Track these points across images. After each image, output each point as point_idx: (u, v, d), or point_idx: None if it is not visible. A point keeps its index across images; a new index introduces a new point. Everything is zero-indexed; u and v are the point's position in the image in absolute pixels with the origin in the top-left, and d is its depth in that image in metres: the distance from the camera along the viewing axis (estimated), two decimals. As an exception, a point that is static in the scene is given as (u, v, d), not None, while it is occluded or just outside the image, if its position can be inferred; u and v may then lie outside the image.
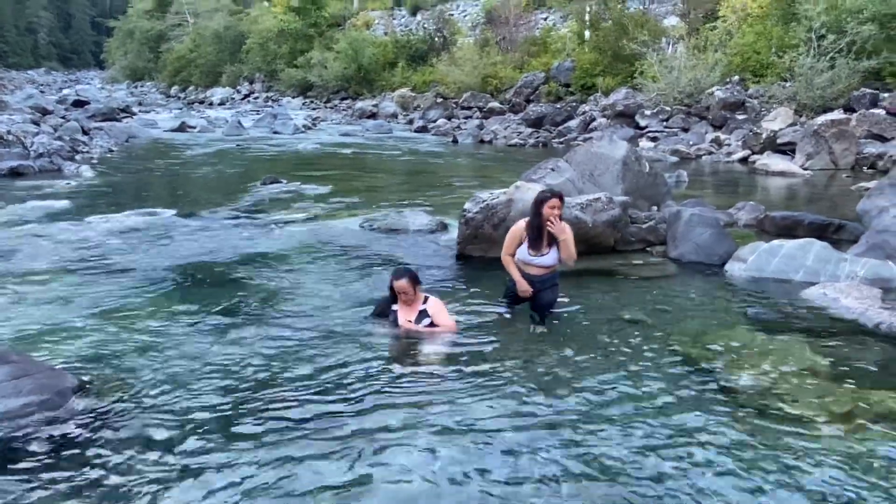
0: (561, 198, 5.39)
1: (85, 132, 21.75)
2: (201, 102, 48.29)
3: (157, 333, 5.41)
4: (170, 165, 17.78)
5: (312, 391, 4.37)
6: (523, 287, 5.50)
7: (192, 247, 8.46)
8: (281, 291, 6.62)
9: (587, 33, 29.77)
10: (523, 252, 5.48)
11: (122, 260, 7.76)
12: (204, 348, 5.11)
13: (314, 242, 8.78)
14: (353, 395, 4.30)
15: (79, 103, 32.38)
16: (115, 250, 8.21)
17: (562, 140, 22.80)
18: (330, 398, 4.26)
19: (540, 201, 5.38)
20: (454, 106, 30.95)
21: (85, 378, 4.48)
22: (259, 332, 5.47)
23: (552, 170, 9.05)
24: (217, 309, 6.05)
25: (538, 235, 5.41)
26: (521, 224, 5.55)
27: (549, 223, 5.30)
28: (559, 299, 5.85)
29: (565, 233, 5.35)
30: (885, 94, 18.55)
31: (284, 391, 4.35)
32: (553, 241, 5.43)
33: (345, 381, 4.50)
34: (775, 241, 7.46)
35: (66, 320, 5.69)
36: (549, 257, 5.45)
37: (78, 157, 17.59)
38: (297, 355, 4.97)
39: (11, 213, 10.44)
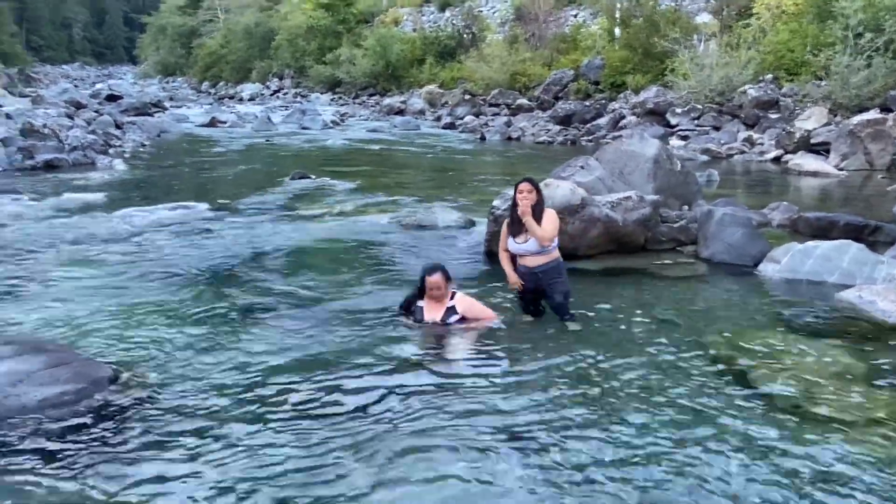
0: (532, 181, 5.45)
1: (118, 126, 22.09)
2: (231, 98, 48.72)
3: (189, 327, 5.48)
4: (200, 160, 17.98)
5: (339, 389, 4.38)
6: (513, 279, 5.59)
7: (222, 241, 8.55)
8: (311, 287, 6.66)
9: (617, 30, 29.47)
10: (512, 244, 5.53)
11: (154, 253, 7.87)
12: (233, 343, 5.16)
13: (343, 238, 8.82)
14: (378, 396, 4.29)
15: (112, 98, 32.87)
16: (148, 243, 8.33)
17: (591, 138, 22.64)
18: (356, 398, 4.26)
19: (514, 192, 5.45)
20: (482, 103, 30.85)
21: (119, 369, 4.55)
22: (289, 327, 5.50)
23: (581, 167, 8.98)
24: (246, 303, 6.10)
25: (518, 223, 5.45)
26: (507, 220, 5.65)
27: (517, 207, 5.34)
28: (580, 295, 5.81)
29: (527, 215, 5.30)
30: (924, 94, 18.14)
31: (312, 389, 4.36)
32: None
33: (371, 381, 4.50)
34: (810, 243, 7.34)
35: (101, 312, 5.77)
36: (531, 244, 5.42)
37: (111, 150, 17.87)
38: (326, 353, 4.99)
39: (46, 205, 10.63)
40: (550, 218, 5.43)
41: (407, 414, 4.02)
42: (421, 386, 4.41)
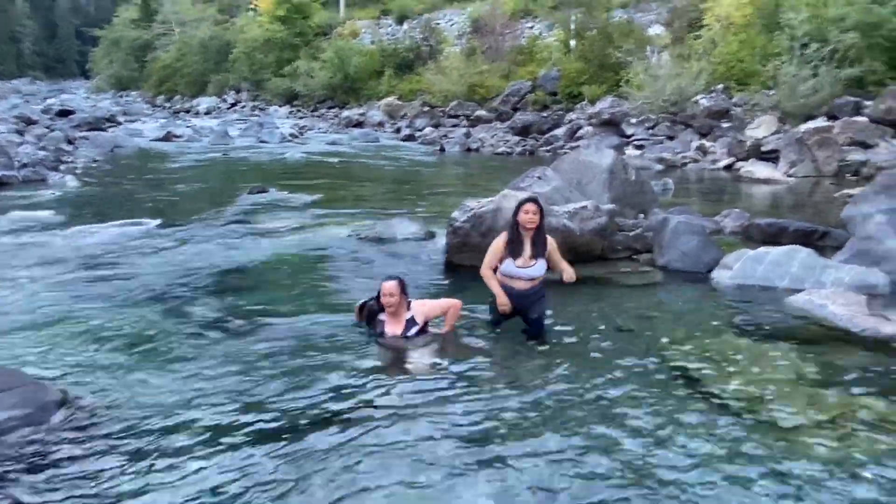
0: (538, 202, 5.17)
1: (70, 142, 21.64)
2: (187, 111, 48.01)
3: (140, 346, 5.36)
4: (155, 175, 17.68)
5: (296, 404, 4.33)
6: (503, 300, 5.26)
7: (176, 257, 8.40)
8: (266, 303, 6.58)
9: (573, 42, 29.91)
10: (509, 266, 5.23)
11: (106, 271, 7.69)
12: (188, 361, 5.06)
13: (302, 252, 8.74)
14: (337, 408, 4.26)
15: (64, 113, 32.20)
16: (99, 261, 8.14)
17: (549, 148, 22.86)
18: (314, 411, 4.23)
19: (516, 209, 5.21)
20: (441, 114, 30.96)
21: (68, 391, 4.42)
22: (245, 343, 5.43)
23: (539, 178, 9.06)
24: (202, 320, 6.00)
25: (518, 245, 5.20)
26: (503, 238, 5.32)
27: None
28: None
29: (564, 268, 5.23)
30: (868, 102, 18.73)
31: (268, 404, 4.31)
32: (540, 251, 5.25)
33: (330, 394, 4.47)
34: (761, 249, 7.50)
35: (49, 334, 5.62)
36: (537, 268, 5.25)
37: (62, 167, 17.47)
38: (283, 367, 4.93)
39: (-6, 223, 10.33)
40: (555, 246, 5.35)
41: (366, 430, 3.98)
42: (379, 398, 4.38)
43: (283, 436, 3.91)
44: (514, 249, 5.21)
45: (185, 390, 4.52)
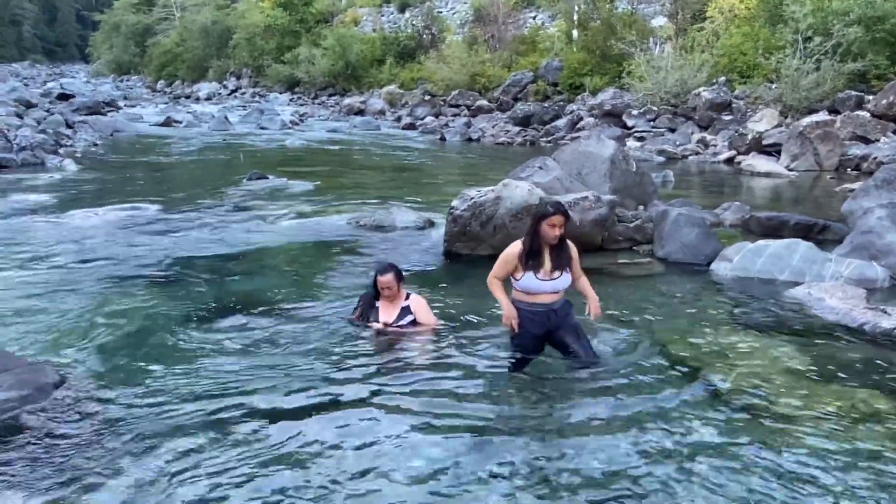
0: (566, 214, 4.41)
1: (69, 126, 21.56)
2: (187, 97, 47.90)
3: (138, 329, 5.36)
4: (154, 160, 17.64)
5: (290, 390, 4.31)
6: (510, 313, 4.48)
7: (175, 242, 8.38)
8: (264, 289, 6.57)
9: (575, 33, 29.78)
10: (530, 280, 4.43)
11: (105, 255, 7.68)
12: (185, 346, 5.06)
13: (300, 239, 8.73)
14: (332, 395, 4.25)
15: (63, 97, 32.10)
16: (98, 245, 8.13)
17: (549, 139, 22.82)
18: (307, 399, 4.21)
19: (538, 217, 4.39)
20: (442, 103, 30.88)
21: (66, 373, 4.42)
22: (241, 329, 5.42)
23: (540, 168, 9.04)
24: (198, 306, 5.99)
25: (537, 257, 4.44)
26: (517, 248, 4.49)
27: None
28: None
29: (596, 311, 4.61)
30: (870, 97, 18.68)
31: (263, 391, 4.29)
32: (564, 262, 4.50)
33: (325, 381, 4.45)
34: (761, 241, 7.49)
35: (48, 315, 5.62)
36: (563, 280, 4.49)
37: (61, 150, 17.42)
38: (279, 354, 4.93)
39: (-7, 206, 10.31)
40: (577, 254, 4.63)
41: (356, 414, 3.98)
42: (371, 388, 4.37)
43: (275, 421, 3.89)
44: (532, 262, 4.44)
45: (180, 374, 4.52)
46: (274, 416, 3.96)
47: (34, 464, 3.46)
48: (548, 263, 4.44)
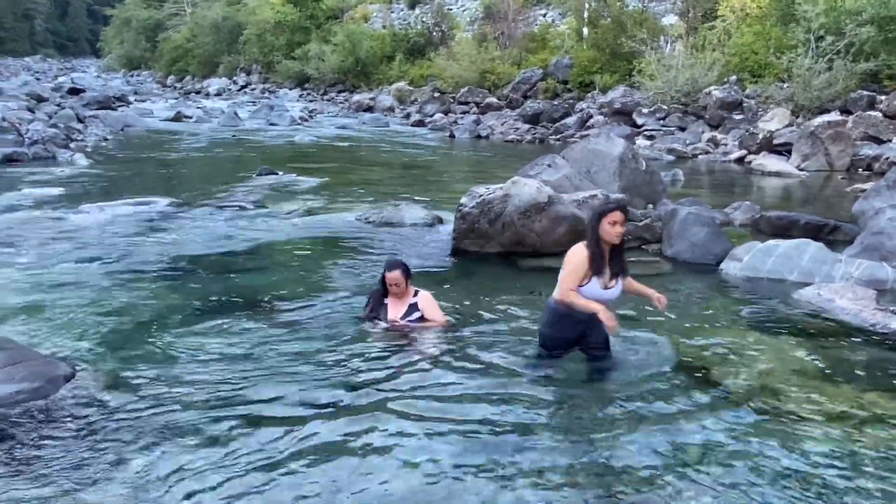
0: (626, 210, 4.18)
1: (80, 120, 21.64)
2: (198, 93, 48.01)
3: (148, 324, 5.39)
4: (164, 155, 17.70)
5: (301, 388, 4.32)
6: (610, 315, 4.12)
7: (184, 237, 8.42)
8: (274, 285, 6.59)
9: (585, 30, 29.71)
10: (594, 288, 4.18)
11: (114, 249, 7.72)
12: (195, 341, 5.08)
13: (309, 235, 8.75)
14: (340, 393, 4.25)
15: (74, 91, 32.26)
16: (108, 239, 8.17)
17: (559, 137, 22.76)
18: (318, 395, 4.22)
19: (599, 215, 4.14)
20: (451, 101, 30.85)
21: (77, 367, 4.45)
22: (250, 325, 5.43)
23: (549, 166, 9.02)
24: (209, 301, 6.01)
25: (600, 262, 4.16)
26: (585, 252, 4.18)
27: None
28: (547, 292, 5.76)
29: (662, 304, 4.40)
30: (882, 97, 18.56)
31: (274, 388, 4.30)
32: (621, 268, 4.33)
33: (333, 378, 4.46)
34: (771, 241, 7.46)
35: (59, 309, 5.65)
36: (616, 290, 4.32)
37: (72, 144, 17.51)
38: (289, 351, 4.93)
39: (4, 200, 10.38)
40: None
41: (366, 412, 3.99)
42: (380, 384, 4.38)
43: (281, 418, 3.91)
44: (597, 266, 4.17)
45: (190, 368, 4.54)
46: (280, 413, 3.98)
47: (44, 454, 3.48)
48: (607, 270, 4.21)
